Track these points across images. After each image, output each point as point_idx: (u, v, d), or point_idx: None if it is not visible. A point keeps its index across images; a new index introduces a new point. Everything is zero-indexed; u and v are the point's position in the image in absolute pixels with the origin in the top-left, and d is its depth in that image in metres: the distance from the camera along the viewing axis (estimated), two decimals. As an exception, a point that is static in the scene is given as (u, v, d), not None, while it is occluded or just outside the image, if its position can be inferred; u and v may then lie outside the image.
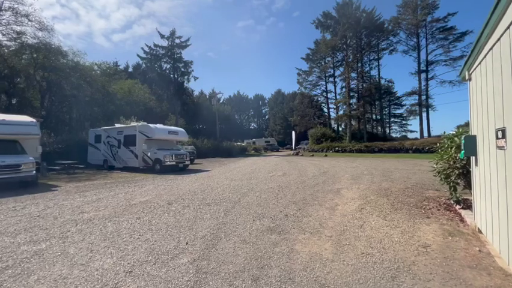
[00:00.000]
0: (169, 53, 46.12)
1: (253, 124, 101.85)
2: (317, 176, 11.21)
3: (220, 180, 10.29)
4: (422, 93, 42.13)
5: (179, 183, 9.81)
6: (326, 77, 51.86)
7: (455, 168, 4.72)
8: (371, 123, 55.11)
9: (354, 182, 9.53)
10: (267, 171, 13.48)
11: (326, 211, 5.46)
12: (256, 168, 15.71)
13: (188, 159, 15.61)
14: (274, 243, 3.68)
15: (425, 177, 10.38)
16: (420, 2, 40.84)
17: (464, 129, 5.27)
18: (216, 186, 8.75)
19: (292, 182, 9.56)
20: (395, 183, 8.96)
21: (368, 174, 11.62)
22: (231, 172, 13.58)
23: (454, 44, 39.66)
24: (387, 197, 6.73)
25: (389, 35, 44.76)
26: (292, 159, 25.55)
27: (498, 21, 2.64)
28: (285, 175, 11.82)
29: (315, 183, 9.34)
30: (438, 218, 4.79)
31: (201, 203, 6.22)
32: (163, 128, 15.38)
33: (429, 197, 6.72)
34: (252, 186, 8.66)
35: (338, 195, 7.19)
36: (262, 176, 11.66)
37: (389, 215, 5.10)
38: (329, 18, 45.21)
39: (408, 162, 19.05)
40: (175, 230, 4.28)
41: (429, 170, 11.71)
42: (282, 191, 7.86)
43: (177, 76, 47.84)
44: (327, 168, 14.67)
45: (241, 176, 11.52)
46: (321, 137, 43.61)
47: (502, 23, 2.61)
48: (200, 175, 12.48)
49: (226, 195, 7.24)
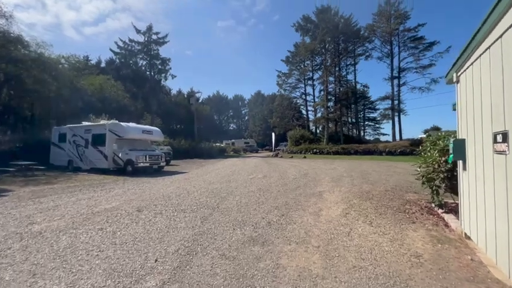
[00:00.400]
0: (145, 49, 44.16)
1: (232, 125, 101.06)
2: (298, 179, 11.00)
3: (197, 183, 9.69)
4: (394, 98, 44.19)
5: (152, 186, 9.08)
6: (305, 80, 52.68)
7: (440, 172, 4.64)
8: (347, 126, 56.87)
9: (335, 184, 9.42)
10: (247, 174, 13.07)
11: (310, 217, 5.17)
12: (235, 170, 15.23)
13: (164, 161, 14.75)
14: (257, 257, 3.28)
15: (402, 180, 10.57)
16: (393, 12, 42.88)
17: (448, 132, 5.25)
18: (193, 190, 8.17)
19: (273, 185, 9.23)
20: (375, 186, 8.97)
21: (347, 177, 11.63)
22: (209, 174, 12.98)
23: (423, 53, 42.10)
24: (369, 201, 6.62)
25: (365, 41, 46.51)
26: (272, 160, 25.39)
27: (502, 16, 2.46)
28: (266, 177, 11.49)
29: (296, 185, 9.09)
30: (423, 223, 4.68)
31: (176, 210, 5.65)
32: (136, 126, 14.38)
33: (410, 200, 6.72)
34: (232, 190, 8.20)
35: (320, 198, 6.97)
36: (242, 178, 11.23)
37: (375, 220, 4.92)
38: (308, 22, 45.99)
39: (383, 165, 19.62)
40: (143, 243, 3.72)
41: (411, 174, 12.04)
42: (264, 194, 7.49)
43: (154, 73, 45.93)
44: (307, 170, 14.58)
45: (220, 179, 11.00)
46: (299, 139, 44.12)
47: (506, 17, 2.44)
48: (176, 177, 11.76)
49: (203, 200, 6.72)
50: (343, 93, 48.70)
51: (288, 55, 51.38)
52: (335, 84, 48.69)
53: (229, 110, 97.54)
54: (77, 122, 16.36)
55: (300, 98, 54.76)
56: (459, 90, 3.96)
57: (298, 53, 48.66)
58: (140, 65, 45.35)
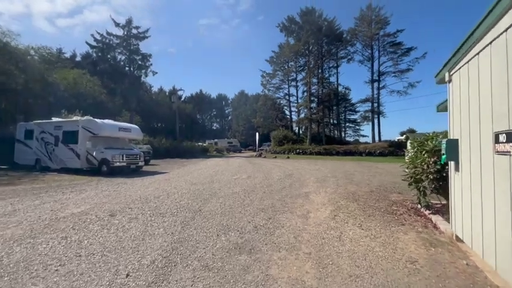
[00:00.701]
0: (125, 44, 42.30)
1: (215, 124, 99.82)
2: (283, 179, 10.80)
3: (178, 184, 9.18)
4: (374, 100, 45.62)
5: (129, 187, 8.45)
6: (289, 81, 53.09)
7: (429, 173, 4.57)
8: (329, 127, 57.95)
9: (320, 185, 9.30)
10: (231, 174, 12.68)
11: (298, 220, 4.92)
12: (218, 170, 14.78)
13: (143, 160, 13.98)
14: (244, 267, 2.96)
15: (385, 180, 10.69)
16: (374, 17, 44.24)
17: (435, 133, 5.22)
18: (173, 192, 7.68)
19: (258, 186, 8.94)
20: (360, 187, 8.95)
21: (332, 177, 11.61)
22: (191, 174, 12.45)
23: (401, 58, 43.81)
24: (356, 202, 6.51)
25: (347, 44, 47.62)
26: (256, 160, 25.14)
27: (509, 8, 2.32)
28: (250, 178, 11.18)
29: (281, 186, 8.86)
30: (412, 225, 4.58)
31: (153, 214, 5.19)
32: (112, 124, 13.50)
33: (396, 201, 6.69)
34: (215, 191, 7.81)
35: (307, 200, 6.77)
36: (225, 179, 10.83)
37: (364, 222, 4.76)
38: (293, 23, 46.31)
39: (365, 165, 20.01)
40: (114, 254, 3.26)
41: (392, 174, 12.29)
42: (249, 196, 7.17)
43: (133, 69, 44.12)
44: (291, 171, 14.45)
45: (203, 179, 10.54)
46: (283, 139, 44.30)
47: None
48: (155, 178, 11.13)
49: (184, 202, 6.28)
50: (326, 94, 49.57)
51: (273, 55, 51.51)
52: (318, 86, 49.44)
53: (212, 110, 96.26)
54: (48, 118, 15.13)
55: (283, 98, 55.12)
56: (451, 90, 3.88)
57: (283, 54, 48.88)
58: (119, 60, 43.39)
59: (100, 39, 41.31)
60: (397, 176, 12.09)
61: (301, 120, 49.96)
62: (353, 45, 47.25)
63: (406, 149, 24.62)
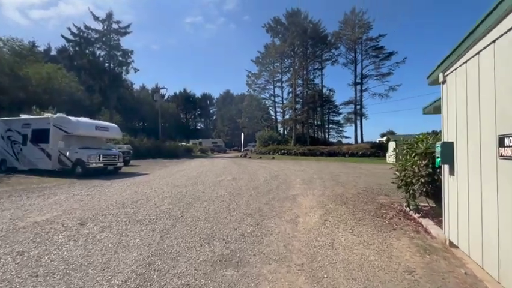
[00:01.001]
0: (104, 39, 40.44)
1: (200, 124, 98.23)
2: (269, 181, 10.54)
3: (159, 187, 8.66)
4: (357, 103, 46.70)
5: (104, 191, 7.83)
6: (274, 82, 53.13)
7: (421, 177, 4.47)
8: (313, 128, 58.67)
9: (307, 187, 9.14)
10: (215, 175, 12.26)
11: (287, 225, 4.66)
12: (202, 171, 14.29)
13: (122, 161, 13.22)
14: (231, 284, 2.63)
15: (371, 182, 10.72)
16: (357, 21, 45.30)
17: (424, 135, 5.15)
18: (153, 195, 7.18)
19: (244, 188, 8.61)
20: (347, 188, 8.87)
21: (318, 179, 11.51)
22: (173, 176, 11.89)
23: (383, 62, 45.16)
24: (345, 205, 6.36)
25: (332, 47, 48.43)
26: (241, 161, 24.78)
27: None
28: (235, 180, 10.83)
29: (268, 189, 8.59)
30: (404, 230, 4.46)
31: (130, 221, 4.72)
32: (88, 122, 12.64)
33: (384, 203, 6.62)
34: (198, 194, 7.39)
35: (295, 203, 6.54)
36: (209, 180, 10.41)
37: (356, 227, 4.58)
38: (279, 24, 46.38)
39: (349, 166, 20.25)
40: (78, 272, 2.82)
41: (376, 175, 12.36)
42: (234, 199, 6.83)
43: (114, 66, 42.26)
44: (277, 172, 14.25)
45: (186, 181, 10.06)
46: (268, 140, 44.25)
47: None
48: (135, 180, 10.50)
49: (165, 207, 5.83)
50: (310, 96, 50.12)
51: (258, 56, 51.34)
52: (303, 87, 49.87)
53: (196, 109, 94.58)
54: (17, 115, 13.94)
55: (269, 99, 55.11)
56: (446, 91, 3.77)
57: (268, 54, 48.86)
58: (98, 55, 41.37)
59: (77, 33, 39.21)
60: (381, 178, 12.23)
61: (286, 121, 50.17)
62: (337, 48, 48.19)
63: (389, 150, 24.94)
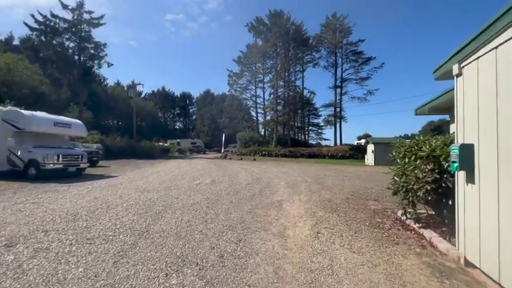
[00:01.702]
0: (74, 29, 37.46)
1: (178, 123, 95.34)
2: (251, 184, 9.79)
3: (126, 192, 7.57)
4: (337, 105, 47.47)
5: (57, 198, 6.63)
6: (256, 82, 52.62)
7: (426, 183, 3.95)
8: (293, 130, 58.93)
9: (292, 191, 8.50)
10: (192, 178, 11.28)
11: (275, 241, 3.93)
12: (179, 173, 13.21)
13: (86, 161, 11.78)
14: None
15: (356, 185, 10.34)
16: (338, 26, 46.15)
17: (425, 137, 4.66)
18: (117, 203, 6.13)
19: (223, 193, 7.78)
20: (334, 193, 8.34)
21: (302, 182, 10.95)
22: (145, 179, 10.74)
23: (362, 67, 46.37)
24: (336, 213, 5.77)
25: (313, 50, 48.90)
26: (221, 162, 23.81)
27: None
28: (215, 183, 9.94)
29: (251, 194, 7.83)
30: (408, 244, 3.90)
31: (77, 239, 3.73)
32: (45, 117, 11.08)
33: (376, 210, 6.12)
34: (171, 201, 6.45)
35: (281, 211, 5.84)
36: (186, 184, 9.44)
37: (354, 242, 3.96)
38: (261, 24, 45.97)
39: (331, 168, 20.07)
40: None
41: (359, 178, 11.98)
42: (213, 207, 5.99)
43: (84, 59, 39.28)
44: (259, 174, 13.53)
45: (158, 185, 9.00)
46: (249, 141, 43.56)
47: None
48: (99, 184, 9.25)
49: (128, 218, 4.86)
50: (292, 97, 50.21)
51: (240, 55, 50.56)
52: (284, 89, 49.82)
53: (175, 108, 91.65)
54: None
55: (250, 99, 54.45)
56: (462, 85, 3.25)
57: (250, 54, 48.27)
58: (67, 47, 38.23)
59: (43, 21, 35.96)
60: (366, 181, 11.95)
61: (267, 122, 49.80)
62: (318, 51, 48.74)
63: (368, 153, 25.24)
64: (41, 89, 33.11)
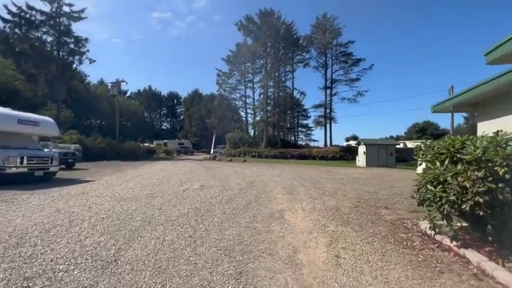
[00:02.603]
0: (52, 22, 35.18)
1: (165, 124, 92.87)
2: (245, 189, 8.80)
3: (99, 202, 6.39)
4: (327, 106, 47.21)
5: (7, 211, 5.38)
6: (245, 82, 51.62)
7: (476, 195, 3.12)
8: (283, 131, 58.35)
9: (292, 197, 7.59)
10: (179, 182, 10.16)
11: (286, 271, 2.98)
12: (164, 177, 12.02)
13: (57, 164, 10.40)
14: None
15: (358, 189, 9.57)
16: (328, 26, 45.94)
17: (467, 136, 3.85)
18: (83, 218, 4.99)
19: (215, 201, 6.76)
20: (338, 199, 7.50)
21: (300, 186, 10.08)
22: (125, 184, 9.53)
23: (351, 68, 46.34)
24: (349, 226, 4.89)
25: (303, 51, 48.49)
26: (210, 164, 22.65)
27: None
28: (204, 188, 8.89)
29: (246, 201, 6.85)
30: (457, 274, 3.04)
31: (10, 280, 2.63)
32: (6, 113, 9.59)
33: (394, 222, 5.30)
34: (153, 213, 5.38)
35: (285, 224, 4.90)
36: (171, 190, 8.32)
37: (387, 271, 3.07)
38: (251, 23, 45.08)
39: (324, 170, 19.40)
40: None
41: (356, 180, 11.12)
42: (202, 220, 4.97)
43: (64, 54, 36.97)
44: (252, 177, 12.56)
45: (139, 192, 7.85)
46: (238, 142, 42.48)
47: None
48: (68, 191, 7.98)
49: (93, 240, 3.76)
50: (282, 98, 49.60)
51: (230, 54, 49.43)
52: (274, 89, 49.12)
53: (162, 108, 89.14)
54: None
55: (239, 99, 53.34)
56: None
57: (240, 53, 47.28)
58: (44, 40, 35.83)
59: (18, 12, 33.52)
60: (365, 184, 11.22)
61: (257, 123, 48.92)
62: (309, 51, 48.37)
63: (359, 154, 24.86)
64: (15, 85, 30.73)
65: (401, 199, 7.76)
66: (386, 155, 27.20)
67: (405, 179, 13.86)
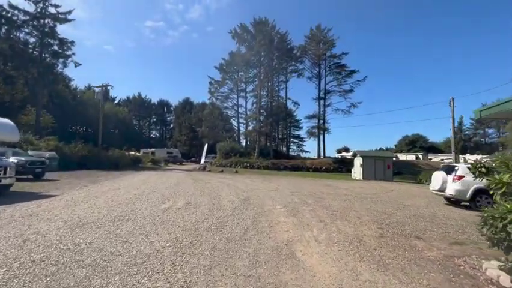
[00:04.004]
0: (36, 23, 33.38)
1: (155, 132, 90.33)
2: (239, 209, 7.33)
3: (44, 230, 4.77)
4: (320, 117, 46.56)
5: None
6: (238, 91, 50.62)
7: None
8: (275, 142, 57.24)
9: (297, 221, 6.17)
10: (160, 199, 8.56)
11: None
12: (144, 191, 10.37)
13: (12, 176, 8.63)
14: None
15: (371, 209, 8.24)
16: (322, 38, 46.00)
17: None
18: (9, 258, 3.41)
19: (202, 228, 5.25)
20: (354, 224, 6.13)
21: (302, 204, 8.68)
22: (93, 201, 7.86)
23: (345, 79, 46.17)
24: (390, 272, 3.50)
25: (297, 61, 48.17)
26: (199, 175, 20.96)
27: None
28: (190, 207, 7.35)
29: (242, 228, 5.38)
30: None
31: None
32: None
33: (442, 262, 3.94)
34: (112, 251, 3.83)
35: (300, 269, 3.47)
36: (148, 210, 6.75)
37: None
38: (245, 32, 44.55)
39: (322, 183, 18.09)
40: None
41: (362, 197, 9.39)
42: (183, 264, 3.47)
43: (47, 56, 34.95)
44: (246, 192, 11.08)
45: (106, 213, 6.24)
46: (230, 152, 40.92)
47: None
48: (13, 211, 6.28)
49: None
50: (275, 107, 48.74)
51: (222, 62, 48.53)
52: (267, 99, 48.24)
53: (152, 116, 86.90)
54: None
55: (232, 108, 52.08)
56: None
57: (233, 62, 46.46)
58: (27, 41, 33.83)
59: None
60: (376, 202, 9.71)
61: (249, 133, 47.61)
62: (302, 62, 48.07)
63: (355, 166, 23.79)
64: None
65: (427, 224, 6.48)
66: (383, 167, 26.25)
67: (412, 196, 12.72)
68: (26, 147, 22.48)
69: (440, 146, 74.69)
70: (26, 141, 23.58)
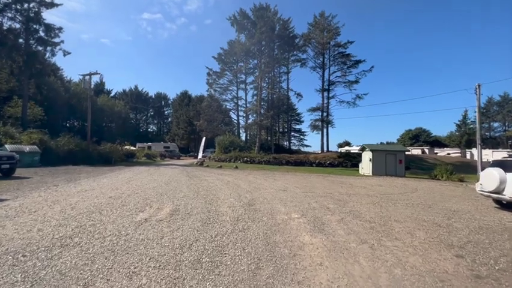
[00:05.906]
0: (19, 6, 30.90)
1: (152, 126, 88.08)
2: (243, 220, 5.38)
3: None
4: (324, 109, 44.46)
5: None
6: (238, 83, 48.34)
7: None
8: (276, 136, 55.24)
9: (330, 244, 4.23)
10: (140, 205, 6.59)
11: None
12: (124, 192, 8.41)
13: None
14: None
15: (417, 218, 6.28)
16: (327, 25, 43.53)
17: None
18: None
19: (186, 263, 3.30)
20: (411, 246, 4.18)
21: (323, 210, 6.74)
22: (46, 209, 5.89)
23: (350, 70, 43.91)
24: None
25: (299, 51, 45.77)
26: (196, 171, 18.97)
27: None
28: (176, 218, 5.39)
29: (250, 261, 3.44)
30: None
31: None
32: None
33: None
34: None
35: None
36: (116, 224, 4.78)
37: None
38: (245, 18, 42.01)
39: (333, 180, 16.18)
40: None
41: (392, 197, 7.57)
42: None
43: (33, 43, 32.53)
44: (249, 192, 9.14)
45: (50, 231, 4.28)
46: (229, 146, 38.89)
47: None
48: None
49: None
50: (276, 99, 46.58)
51: (221, 52, 46.11)
52: (268, 90, 46.03)
53: (149, 109, 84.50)
54: None
55: (231, 101, 49.87)
56: None
57: (233, 52, 44.03)
58: (9, 26, 31.37)
59: (-23, -7, 29.07)
60: (411, 205, 7.38)
61: (250, 126, 45.53)
62: (305, 51, 45.68)
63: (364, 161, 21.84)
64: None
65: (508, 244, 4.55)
66: (395, 162, 24.30)
67: (446, 197, 10.74)
68: (4, 140, 20.53)
69: (444, 140, 72.87)
70: (5, 134, 21.56)
